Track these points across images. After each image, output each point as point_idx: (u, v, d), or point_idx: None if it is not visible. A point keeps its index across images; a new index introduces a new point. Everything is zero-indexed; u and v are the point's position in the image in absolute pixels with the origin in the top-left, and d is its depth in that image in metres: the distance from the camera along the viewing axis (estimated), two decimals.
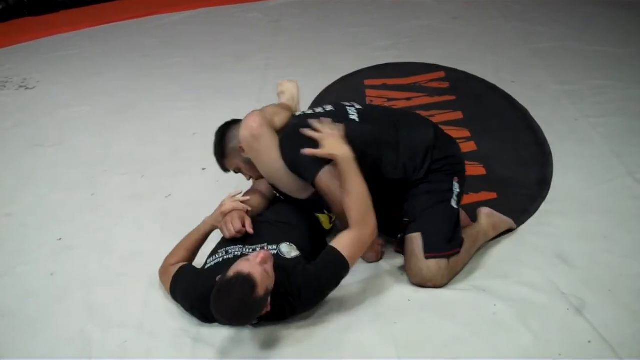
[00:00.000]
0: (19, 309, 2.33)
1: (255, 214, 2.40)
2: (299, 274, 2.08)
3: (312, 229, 2.40)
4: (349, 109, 2.43)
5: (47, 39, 5.03)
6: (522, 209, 2.66)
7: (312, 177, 2.23)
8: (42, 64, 4.55)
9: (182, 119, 3.65)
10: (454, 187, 2.35)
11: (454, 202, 2.33)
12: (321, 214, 2.48)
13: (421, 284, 2.26)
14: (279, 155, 2.31)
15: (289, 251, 2.18)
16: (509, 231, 2.53)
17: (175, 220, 2.71)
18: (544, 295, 2.21)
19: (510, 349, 2.01)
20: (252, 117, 2.33)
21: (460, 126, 3.28)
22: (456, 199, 2.34)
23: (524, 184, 2.84)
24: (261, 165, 2.36)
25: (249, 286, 1.88)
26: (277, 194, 2.50)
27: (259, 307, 1.94)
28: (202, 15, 5.32)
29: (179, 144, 3.39)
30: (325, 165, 2.21)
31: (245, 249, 2.20)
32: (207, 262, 2.24)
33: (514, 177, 2.89)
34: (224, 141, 2.45)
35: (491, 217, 2.49)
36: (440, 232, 2.26)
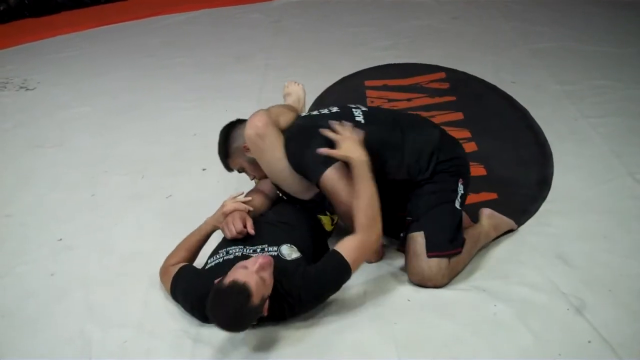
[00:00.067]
0: (19, 309, 2.33)
1: (257, 215, 2.40)
2: (299, 276, 2.07)
3: (313, 230, 2.40)
4: (354, 110, 2.43)
5: (47, 40, 5.02)
6: (522, 209, 2.66)
7: (317, 177, 2.23)
8: (43, 65, 4.54)
9: (184, 119, 3.65)
10: (458, 189, 2.35)
11: (458, 203, 2.33)
12: (323, 216, 2.47)
13: (421, 284, 2.26)
14: (283, 154, 2.31)
15: (289, 253, 2.17)
16: (510, 232, 2.53)
17: (175, 220, 2.70)
18: (544, 295, 2.21)
19: (510, 349, 2.01)
20: (257, 116, 2.33)
21: (460, 127, 3.28)
22: (460, 200, 2.34)
23: (524, 184, 2.84)
24: (265, 164, 2.36)
25: (244, 296, 1.89)
26: (280, 194, 2.50)
27: (253, 315, 1.95)
28: (204, 16, 5.32)
29: (179, 144, 3.39)
30: (330, 166, 2.21)
31: (246, 250, 2.20)
32: (207, 262, 2.24)
33: (514, 178, 2.89)
34: (228, 140, 2.45)
35: (492, 218, 2.49)
36: (442, 231, 2.26)
